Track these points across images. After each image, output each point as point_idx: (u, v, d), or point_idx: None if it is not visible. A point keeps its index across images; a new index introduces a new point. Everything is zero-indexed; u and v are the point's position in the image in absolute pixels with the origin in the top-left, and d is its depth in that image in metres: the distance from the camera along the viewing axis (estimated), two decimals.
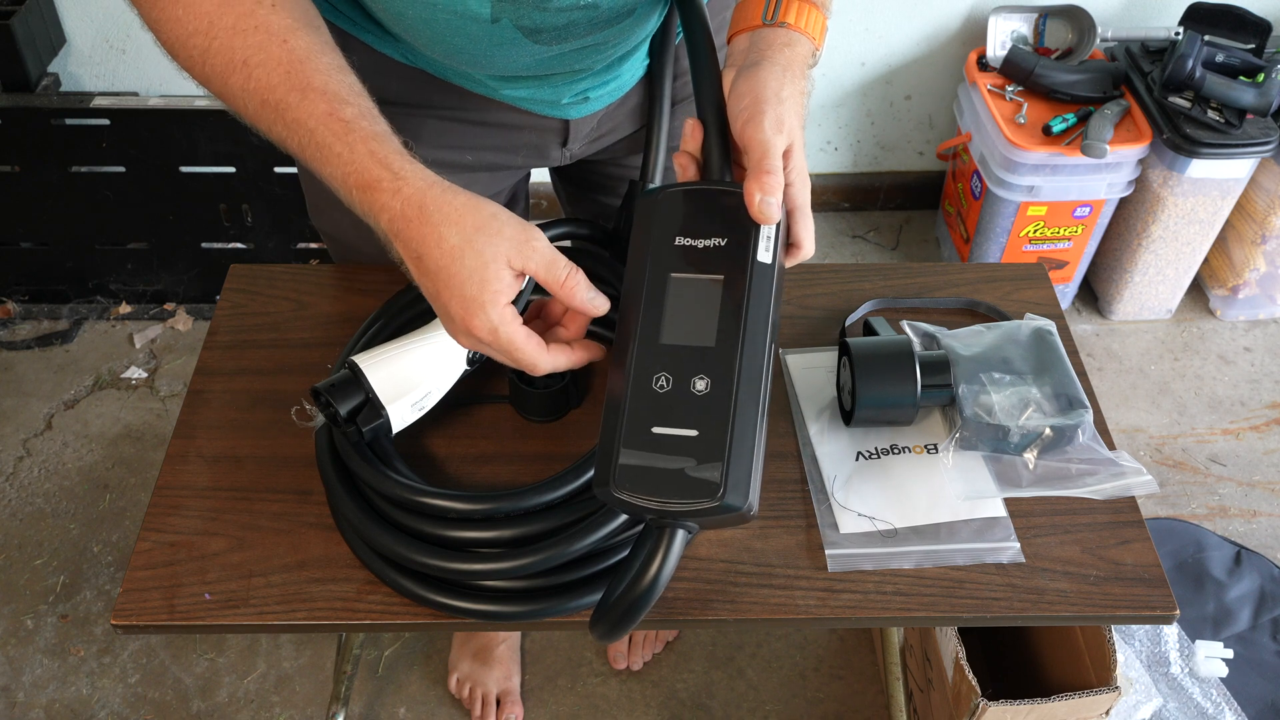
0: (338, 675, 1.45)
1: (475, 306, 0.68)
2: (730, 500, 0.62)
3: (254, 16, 0.69)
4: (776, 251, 0.68)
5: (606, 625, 0.69)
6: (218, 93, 0.71)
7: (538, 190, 2.16)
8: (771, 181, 0.67)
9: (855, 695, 1.51)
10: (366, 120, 0.69)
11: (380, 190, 0.68)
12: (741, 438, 0.64)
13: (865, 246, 2.25)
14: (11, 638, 1.57)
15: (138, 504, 1.73)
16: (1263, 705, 1.50)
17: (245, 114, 0.71)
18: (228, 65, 0.69)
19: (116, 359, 1.98)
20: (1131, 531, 0.84)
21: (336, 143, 0.68)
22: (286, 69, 0.69)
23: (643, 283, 0.69)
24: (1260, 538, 1.72)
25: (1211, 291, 2.10)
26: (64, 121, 1.81)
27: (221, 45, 0.69)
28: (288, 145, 0.71)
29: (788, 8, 0.74)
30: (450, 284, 0.68)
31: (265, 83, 0.69)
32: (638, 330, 0.68)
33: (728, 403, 0.64)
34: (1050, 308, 1.01)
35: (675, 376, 0.66)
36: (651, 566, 0.65)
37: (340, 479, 0.81)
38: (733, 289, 0.67)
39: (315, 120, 0.68)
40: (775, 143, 0.68)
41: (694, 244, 0.69)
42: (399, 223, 0.68)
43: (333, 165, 0.69)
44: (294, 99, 0.68)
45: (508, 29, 0.77)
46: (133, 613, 0.79)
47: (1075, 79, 1.85)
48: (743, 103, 0.70)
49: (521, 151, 0.97)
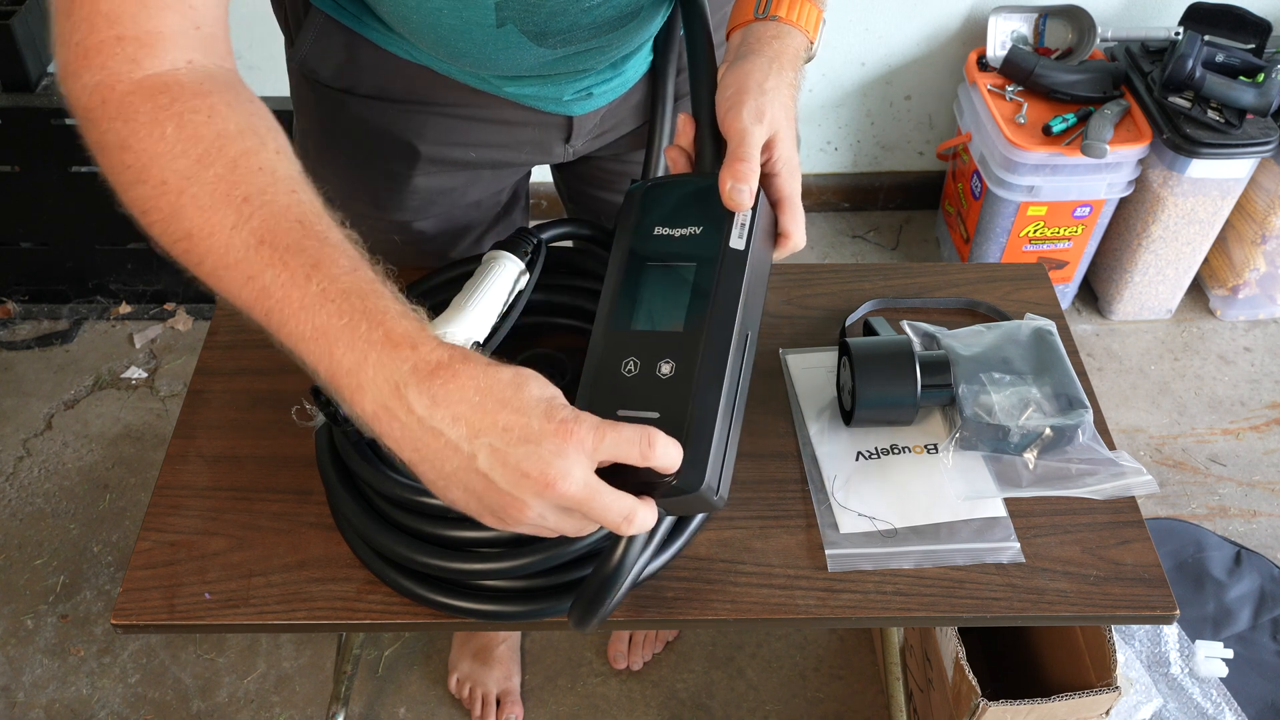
0: (338, 675, 1.45)
1: (554, 463, 0.56)
2: (684, 482, 0.61)
3: (258, 157, 0.61)
4: (751, 239, 0.68)
5: (579, 610, 0.69)
6: (191, 228, 0.60)
7: (538, 190, 2.16)
8: (743, 169, 0.67)
9: (855, 695, 1.51)
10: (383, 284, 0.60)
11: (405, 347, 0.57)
12: (701, 420, 0.63)
13: (865, 246, 2.25)
14: (11, 638, 1.57)
15: (138, 504, 1.73)
16: (1263, 705, 1.50)
17: (226, 252, 0.60)
18: (217, 198, 0.59)
19: (116, 359, 1.98)
20: (1131, 531, 0.84)
21: (358, 301, 0.58)
22: (299, 217, 0.60)
23: (621, 271, 0.70)
24: (1260, 538, 1.72)
25: (1211, 291, 2.10)
26: (64, 121, 1.81)
27: (216, 176, 0.59)
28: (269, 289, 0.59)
29: (779, 2, 0.74)
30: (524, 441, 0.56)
31: (269, 226, 0.59)
32: (611, 316, 0.69)
33: (689, 385, 0.64)
34: (1050, 308, 1.01)
35: (642, 361, 0.66)
36: (617, 549, 0.66)
37: (340, 479, 0.81)
38: (703, 275, 0.67)
39: (339, 269, 0.59)
40: (753, 132, 0.68)
41: (671, 233, 0.70)
42: (422, 371, 0.57)
43: (345, 315, 0.58)
44: (312, 244, 0.59)
45: (512, 33, 0.77)
46: (133, 613, 0.79)
47: (1075, 79, 1.85)
48: (727, 93, 0.71)
49: (525, 148, 0.97)
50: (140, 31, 0.60)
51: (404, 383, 0.56)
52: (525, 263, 0.88)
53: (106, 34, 0.59)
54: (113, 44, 0.59)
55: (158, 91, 0.60)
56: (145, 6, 0.60)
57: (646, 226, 0.71)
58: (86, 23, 0.59)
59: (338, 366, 0.57)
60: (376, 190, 0.97)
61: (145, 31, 0.60)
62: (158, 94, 0.60)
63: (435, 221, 1.01)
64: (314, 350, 0.58)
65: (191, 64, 0.62)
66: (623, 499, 0.58)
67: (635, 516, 0.59)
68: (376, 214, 0.98)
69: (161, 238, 0.61)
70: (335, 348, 0.57)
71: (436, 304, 0.89)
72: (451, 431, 0.56)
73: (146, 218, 0.61)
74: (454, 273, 0.92)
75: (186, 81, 0.61)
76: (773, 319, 1.01)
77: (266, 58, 1.98)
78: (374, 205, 0.98)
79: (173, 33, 0.61)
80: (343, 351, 0.57)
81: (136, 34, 0.60)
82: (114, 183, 0.61)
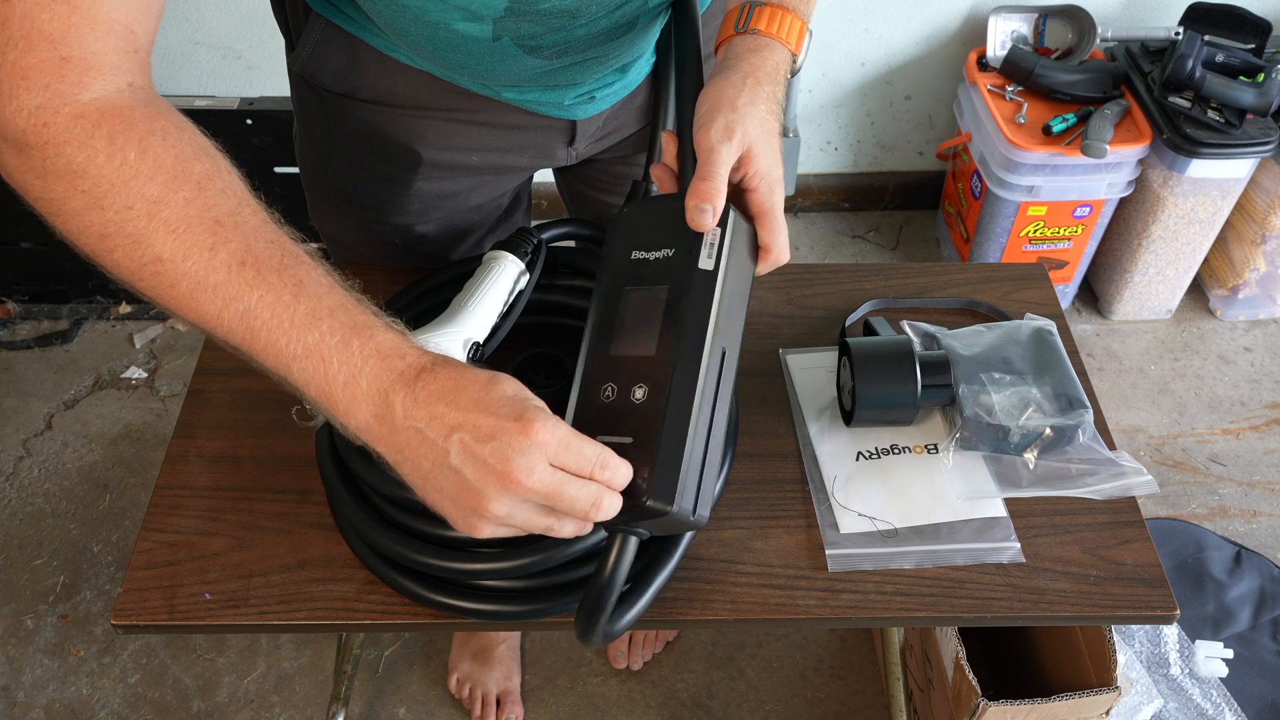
0: (338, 675, 1.45)
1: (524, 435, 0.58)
2: (654, 504, 0.62)
3: (219, 178, 0.62)
4: (721, 258, 0.68)
5: (579, 625, 0.70)
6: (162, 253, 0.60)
7: (539, 190, 2.17)
8: (705, 188, 0.67)
9: (855, 695, 1.51)
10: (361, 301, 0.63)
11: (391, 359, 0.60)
12: (670, 443, 0.64)
13: (865, 246, 2.25)
14: (11, 638, 1.57)
15: (138, 504, 1.73)
16: (1263, 705, 1.50)
17: (204, 272, 0.60)
18: (189, 220, 0.60)
19: (116, 359, 1.98)
20: (1131, 531, 0.84)
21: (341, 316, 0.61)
22: (271, 235, 0.62)
23: (603, 297, 0.71)
24: (1260, 538, 1.72)
25: (1211, 291, 2.10)
26: None
27: (185, 199, 0.60)
28: (247, 305, 0.61)
29: (759, 15, 0.74)
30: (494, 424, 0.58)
31: (244, 246, 0.60)
32: (592, 344, 0.70)
33: (659, 409, 0.65)
34: (1050, 308, 1.01)
35: (619, 386, 0.67)
36: (605, 569, 0.67)
37: (340, 479, 0.81)
38: (675, 298, 0.67)
39: (320, 287, 0.62)
40: (719, 150, 0.68)
41: (647, 256, 0.70)
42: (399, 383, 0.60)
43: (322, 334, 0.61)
44: (289, 261, 0.62)
45: (508, 46, 0.77)
46: (133, 613, 0.79)
47: (1075, 79, 1.85)
48: (700, 111, 0.70)
49: (527, 152, 0.97)
50: (86, 53, 0.57)
51: (391, 389, 0.58)
52: (525, 263, 0.88)
53: (48, 54, 0.56)
54: (56, 65, 0.57)
55: (108, 116, 0.58)
56: (93, 29, 0.57)
57: (624, 250, 0.71)
58: (24, 40, 0.55)
59: (333, 382, 0.59)
60: (377, 194, 0.96)
61: (91, 53, 0.58)
62: (109, 119, 0.58)
63: (436, 225, 1.01)
64: (306, 368, 0.60)
65: (133, 87, 0.61)
66: (587, 486, 0.60)
67: (603, 502, 0.60)
68: (377, 217, 0.98)
69: (124, 263, 0.60)
70: (329, 365, 0.59)
71: (436, 304, 0.89)
72: (429, 430, 0.58)
73: (104, 243, 0.60)
74: (454, 273, 0.92)
75: (135, 105, 0.60)
76: (773, 319, 1.01)
77: (266, 57, 1.98)
78: (375, 209, 0.98)
79: (116, 55, 0.59)
80: (338, 367, 0.59)
81: (82, 55, 0.57)
82: (57, 209, 0.59)
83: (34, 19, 0.55)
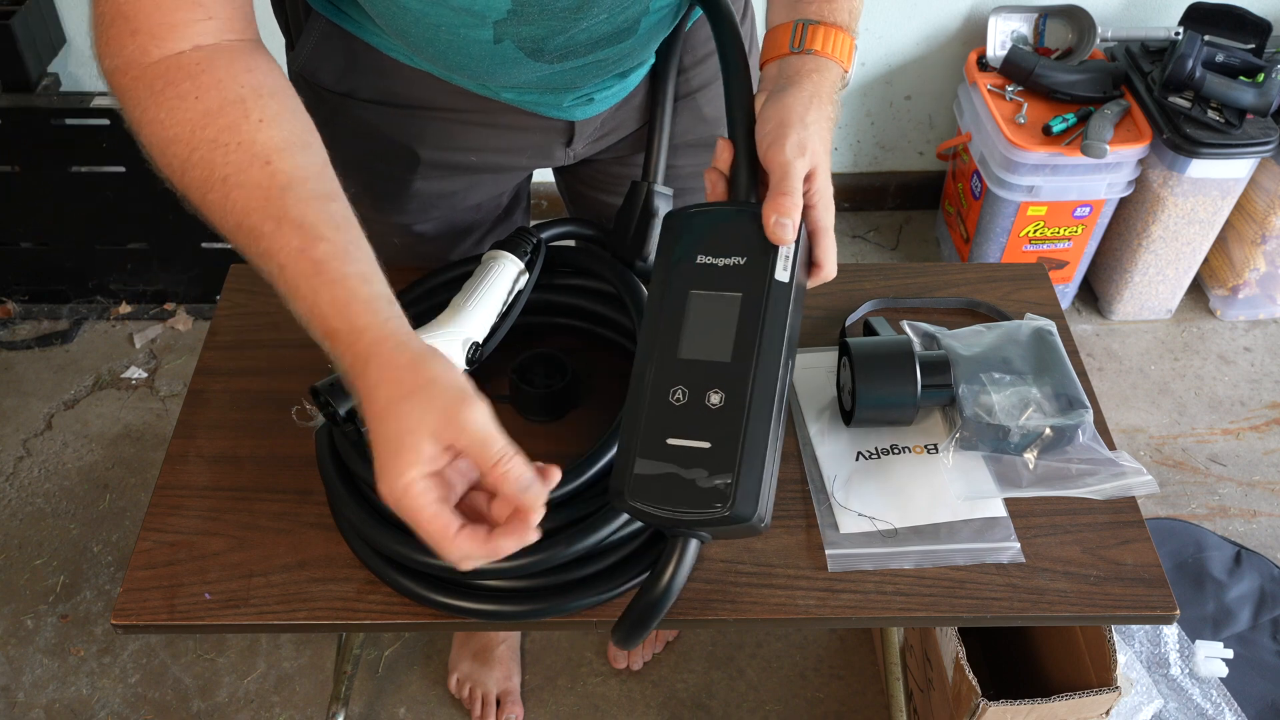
0: (338, 675, 1.45)
1: (383, 472, 0.62)
2: (739, 510, 0.64)
3: (238, 131, 0.65)
4: (795, 271, 0.70)
5: (624, 630, 0.71)
6: (197, 206, 0.68)
7: (539, 190, 2.16)
8: (787, 203, 0.69)
9: (855, 695, 1.51)
10: (338, 260, 0.65)
11: (337, 341, 0.64)
12: (753, 450, 0.65)
13: (865, 246, 2.26)
14: (11, 638, 1.57)
15: (138, 504, 1.73)
16: (1263, 705, 1.50)
17: (223, 231, 0.67)
18: (206, 181, 0.66)
19: (116, 359, 1.98)
20: (1131, 531, 0.84)
21: (303, 284, 0.64)
22: (265, 194, 0.65)
23: (664, 298, 0.71)
24: (1260, 538, 1.72)
25: (1211, 291, 2.10)
26: (64, 121, 1.81)
27: (201, 159, 0.65)
28: (261, 271, 0.67)
29: (814, 35, 0.76)
30: (375, 443, 0.63)
31: (242, 205, 0.65)
32: (657, 344, 0.70)
33: (740, 416, 0.66)
34: (1050, 308, 1.01)
35: (691, 390, 0.68)
36: (665, 573, 0.68)
37: (340, 478, 0.81)
38: (750, 306, 0.68)
39: (286, 255, 0.64)
40: (796, 166, 0.70)
41: (714, 262, 0.71)
42: (349, 375, 0.65)
43: (298, 304, 0.65)
44: (269, 228, 0.64)
45: (510, 49, 0.77)
46: (133, 613, 0.79)
47: (1075, 79, 1.85)
48: (768, 126, 0.72)
49: (526, 152, 0.97)
50: (152, 25, 0.66)
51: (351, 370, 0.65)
52: (525, 262, 0.88)
53: (123, 28, 0.67)
54: (129, 36, 0.67)
55: (162, 74, 0.67)
56: (160, 7, 0.66)
57: (690, 254, 0.72)
58: (108, 17, 0.67)
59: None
60: (377, 193, 0.96)
61: (156, 24, 0.66)
62: (167, 73, 0.67)
63: (436, 224, 1.01)
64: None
65: (198, 49, 0.67)
66: (429, 537, 0.63)
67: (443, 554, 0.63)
68: (376, 216, 0.98)
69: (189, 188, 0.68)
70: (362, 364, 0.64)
71: (436, 304, 0.89)
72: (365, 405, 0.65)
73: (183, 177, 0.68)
74: (453, 273, 0.92)
75: (192, 63, 0.67)
76: None
77: None
78: (374, 208, 0.98)
79: (183, 24, 0.67)
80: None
81: (149, 28, 0.66)
82: (147, 141, 0.69)
83: (117, 3, 0.67)
